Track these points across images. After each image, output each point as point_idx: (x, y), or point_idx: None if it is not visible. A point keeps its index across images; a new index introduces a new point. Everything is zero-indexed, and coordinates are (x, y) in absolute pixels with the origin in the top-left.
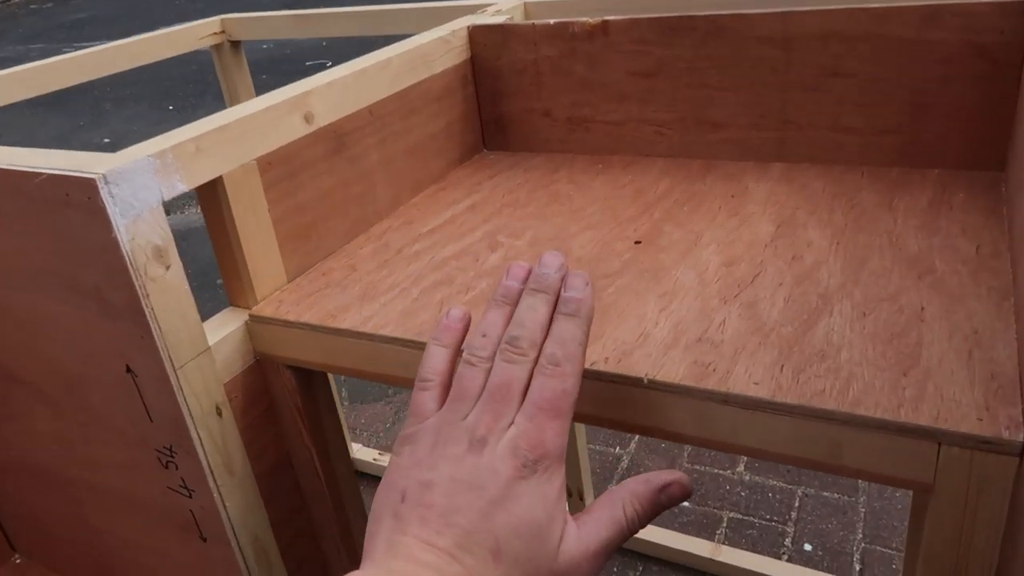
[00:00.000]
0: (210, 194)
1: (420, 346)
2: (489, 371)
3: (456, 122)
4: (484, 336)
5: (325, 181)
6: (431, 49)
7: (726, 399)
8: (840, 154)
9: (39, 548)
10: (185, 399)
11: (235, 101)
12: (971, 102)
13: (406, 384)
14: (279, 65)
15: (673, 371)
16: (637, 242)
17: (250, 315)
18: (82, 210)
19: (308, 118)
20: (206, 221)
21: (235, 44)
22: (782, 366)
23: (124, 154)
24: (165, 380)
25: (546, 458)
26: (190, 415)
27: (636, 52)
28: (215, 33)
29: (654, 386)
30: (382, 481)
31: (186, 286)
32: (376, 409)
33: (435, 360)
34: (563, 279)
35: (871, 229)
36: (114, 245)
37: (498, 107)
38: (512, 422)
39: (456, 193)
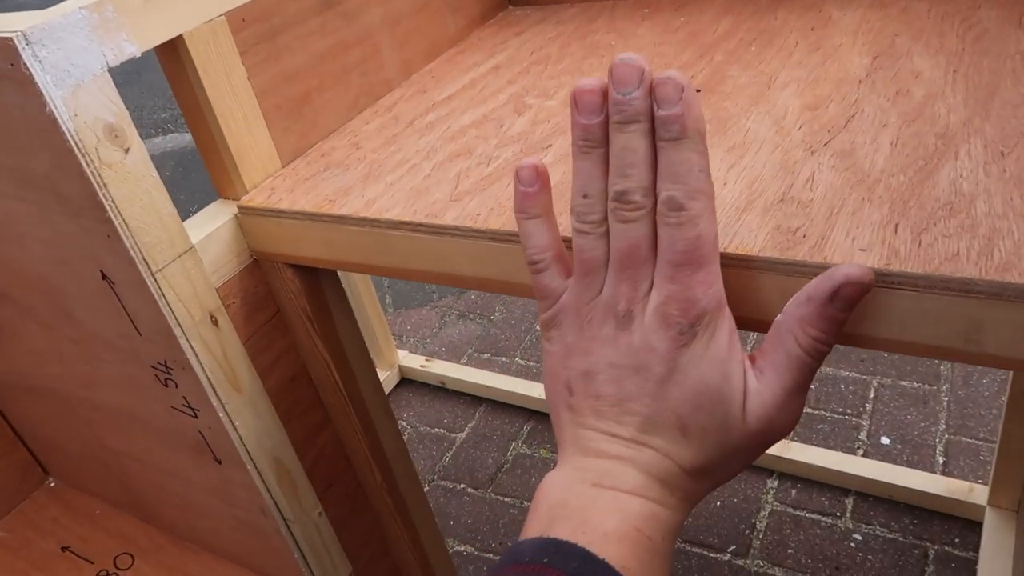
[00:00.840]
0: (172, 60)
1: (435, 230)
2: (607, 234)
3: (476, 21)
4: (585, 196)
5: (317, 43)
6: None
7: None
8: None
9: (69, 471)
10: (171, 307)
11: None
12: None
13: (422, 278)
14: None
15: (751, 241)
16: (697, 90)
17: (239, 207)
18: (11, 81)
19: None
20: (174, 94)
21: None
22: (896, 225)
23: (53, 9)
24: (143, 286)
25: (702, 316)
26: (179, 325)
27: None
28: None
29: (729, 262)
30: (544, 369)
31: (154, 174)
32: (421, 315)
33: (535, 236)
34: (651, 94)
35: (997, 51)
36: (52, 123)
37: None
38: (652, 284)
39: (477, 55)
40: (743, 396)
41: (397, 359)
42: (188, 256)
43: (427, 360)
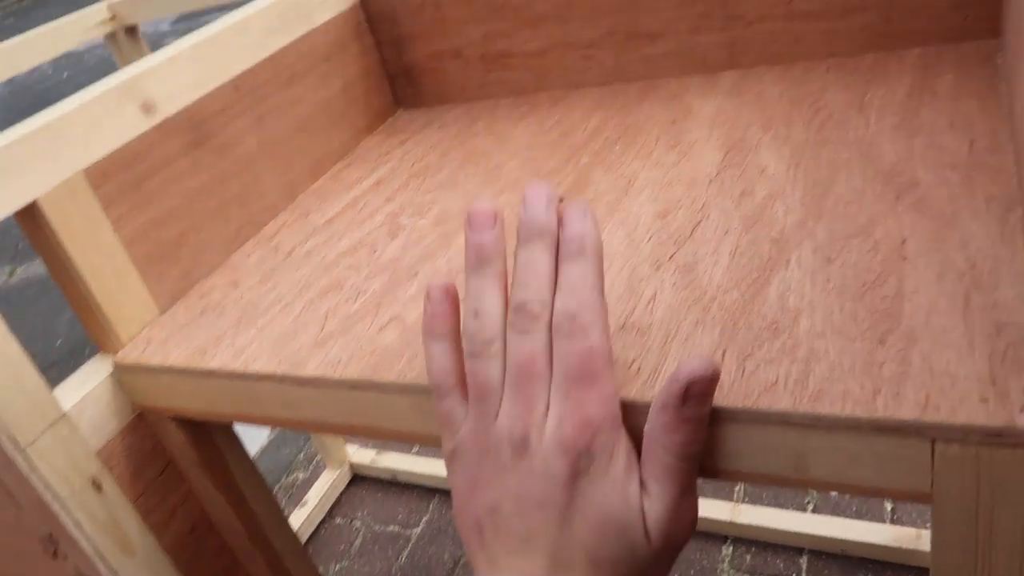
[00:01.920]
0: (30, 224)
1: (298, 381)
2: (501, 352)
3: (356, 83)
4: (477, 315)
5: (188, 182)
6: None
7: None
8: (800, 48)
9: None
10: (46, 480)
11: None
12: None
13: (295, 427)
14: None
15: None
16: (560, 199)
17: (115, 363)
18: None
19: (147, 108)
20: (39, 255)
21: (131, 29)
22: (724, 352)
23: None
24: (11, 464)
25: (599, 435)
26: (57, 499)
27: None
28: (105, 21)
29: None
30: (453, 505)
31: (14, 344)
32: None
33: (438, 360)
34: (559, 215)
35: (838, 139)
36: None
37: (403, 56)
38: (548, 405)
39: (362, 169)
40: (643, 517)
41: (347, 455)
42: (61, 424)
43: (377, 453)
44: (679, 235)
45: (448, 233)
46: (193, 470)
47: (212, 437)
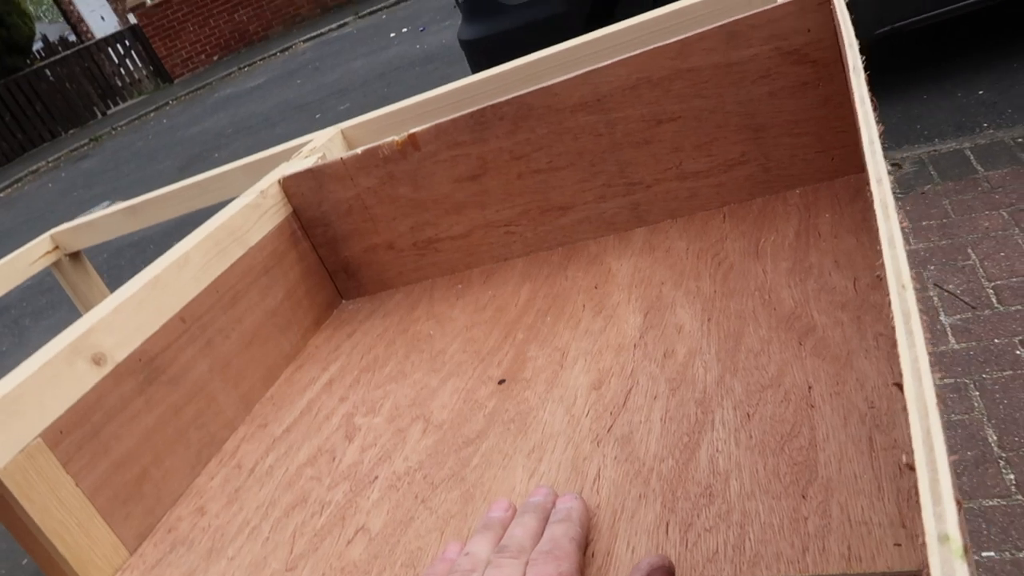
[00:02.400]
0: None
1: None
2: None
3: (298, 286)
4: (467, 555)
5: (145, 419)
6: (240, 221)
7: None
8: (696, 201)
9: None
10: None
11: None
12: (807, 109)
13: None
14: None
15: None
16: (501, 381)
17: None
18: None
19: (99, 359)
20: (3, 523)
21: (74, 256)
22: (667, 525)
23: None
24: None
25: None
26: None
27: (454, 157)
28: (48, 252)
29: None
30: None
31: None
32: None
33: None
34: (554, 500)
35: (742, 290)
36: None
37: (339, 253)
38: None
39: (313, 369)
40: None
41: None
42: None
43: None
44: (614, 405)
45: (402, 429)
46: None
47: None
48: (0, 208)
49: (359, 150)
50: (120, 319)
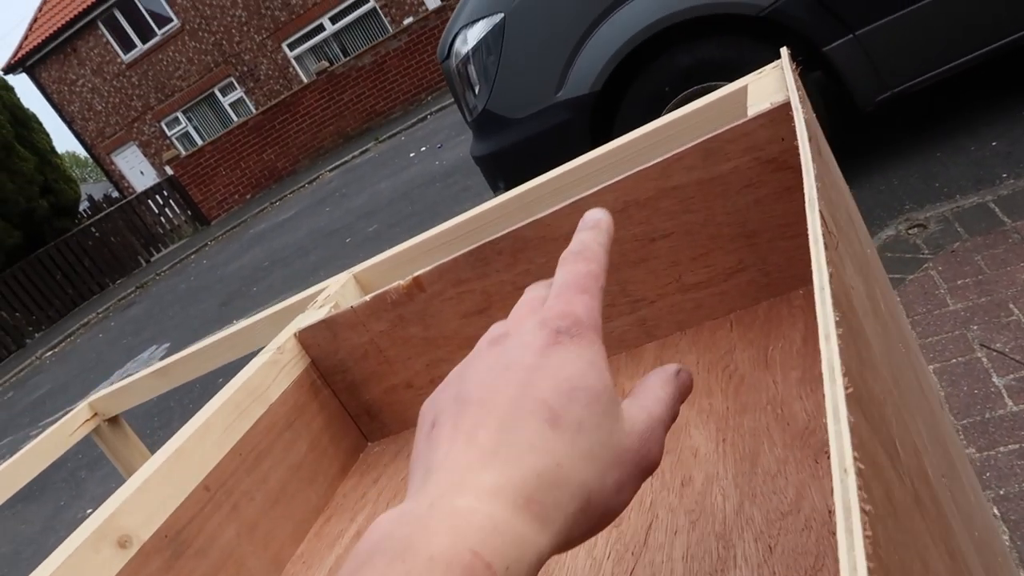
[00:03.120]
0: None
1: None
2: None
3: (322, 435)
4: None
5: None
6: (260, 380)
7: None
8: (702, 311)
9: None
10: None
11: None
12: (797, 212)
13: None
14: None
15: None
16: None
17: None
18: None
19: (124, 542)
20: None
21: (113, 420)
22: None
23: None
24: None
25: (579, 325)
26: None
27: (459, 294)
28: (88, 420)
29: None
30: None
31: None
32: None
33: None
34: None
35: (754, 404)
36: None
37: (360, 397)
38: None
39: (341, 521)
40: (622, 413)
41: None
42: None
43: None
44: (634, 544)
45: None
46: None
47: None
48: (56, 363)
49: (368, 297)
50: (144, 497)
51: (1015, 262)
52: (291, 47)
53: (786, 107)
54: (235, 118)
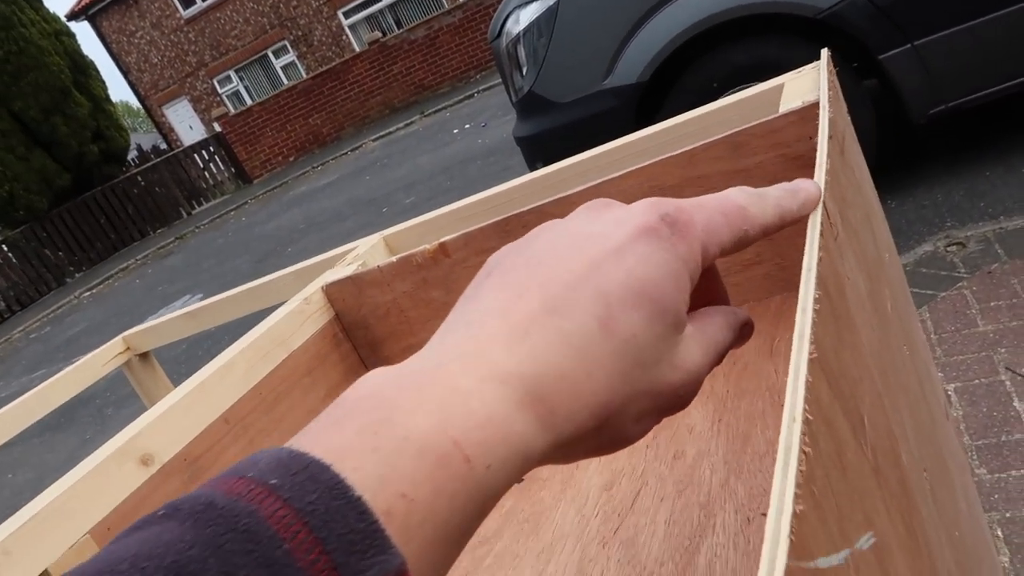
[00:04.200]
0: None
1: None
2: None
3: (339, 386)
4: None
5: None
6: (284, 327)
7: None
8: None
9: None
10: None
11: None
12: None
13: None
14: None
15: None
16: (520, 480)
17: None
18: None
19: (146, 460)
20: None
21: (143, 356)
22: None
23: None
24: None
25: (690, 227)
26: None
27: (482, 263)
28: (120, 353)
29: None
30: None
31: None
32: None
33: None
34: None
35: (753, 390)
36: None
37: (379, 354)
38: None
39: None
40: (682, 333)
41: None
42: None
43: None
44: (622, 507)
45: None
46: None
47: None
48: (93, 303)
49: (395, 258)
50: (167, 422)
51: None
52: (346, 15)
53: (816, 106)
54: (285, 81)
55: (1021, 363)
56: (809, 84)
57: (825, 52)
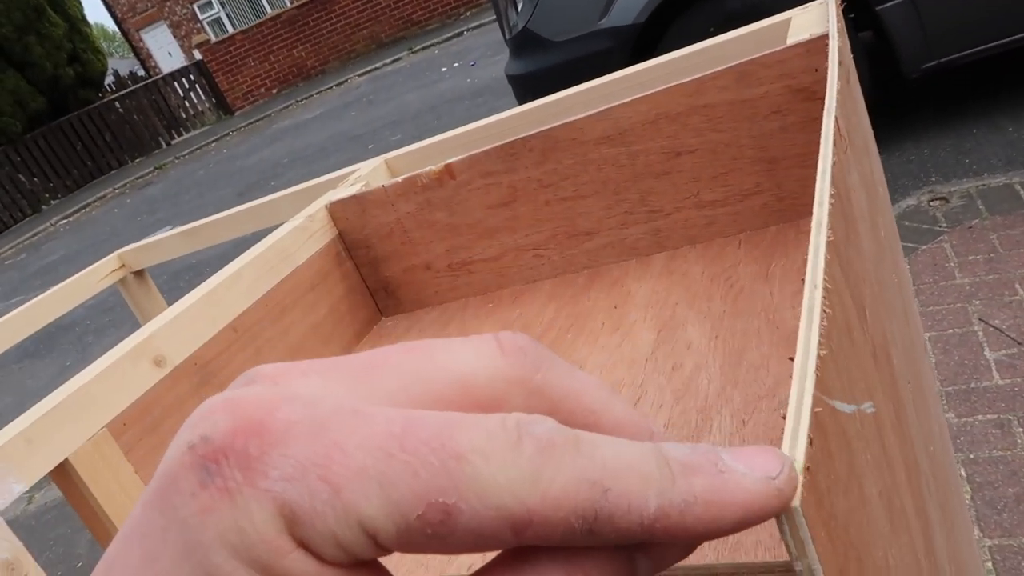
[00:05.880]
0: (63, 478)
1: None
2: None
3: (341, 302)
4: None
5: None
6: (289, 242)
7: None
8: (714, 228)
9: None
10: None
11: None
12: (817, 142)
13: None
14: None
15: None
16: None
17: None
18: None
19: (159, 361)
20: (71, 506)
21: (138, 273)
22: None
23: None
24: None
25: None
26: None
27: (487, 185)
28: (116, 270)
29: None
30: None
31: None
32: None
33: None
34: None
35: (749, 310)
36: None
37: (380, 274)
38: None
39: None
40: None
41: None
42: None
43: None
44: None
45: None
46: None
47: None
48: (70, 232)
49: (399, 178)
50: (178, 327)
51: None
52: None
53: (824, 39)
54: (269, 9)
55: (994, 315)
56: (816, 18)
57: None
